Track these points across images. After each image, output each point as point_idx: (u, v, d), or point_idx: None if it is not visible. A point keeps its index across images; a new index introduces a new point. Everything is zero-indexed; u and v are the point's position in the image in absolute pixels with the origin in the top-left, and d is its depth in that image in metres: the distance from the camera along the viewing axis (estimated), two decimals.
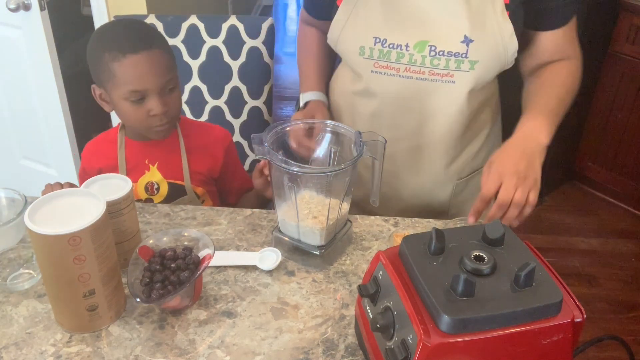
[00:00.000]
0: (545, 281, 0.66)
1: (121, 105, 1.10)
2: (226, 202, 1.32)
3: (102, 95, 1.13)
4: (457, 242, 0.71)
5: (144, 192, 1.20)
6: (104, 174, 0.96)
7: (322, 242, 0.96)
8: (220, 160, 1.24)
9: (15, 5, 1.94)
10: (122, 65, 1.05)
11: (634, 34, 2.41)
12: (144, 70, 1.06)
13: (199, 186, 1.23)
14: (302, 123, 1.01)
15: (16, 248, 0.98)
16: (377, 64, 1.08)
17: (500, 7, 1.00)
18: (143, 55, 1.06)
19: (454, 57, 1.02)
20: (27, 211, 0.77)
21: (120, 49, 1.05)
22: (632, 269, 2.39)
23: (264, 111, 1.66)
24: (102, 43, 1.09)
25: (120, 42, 1.06)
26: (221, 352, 0.82)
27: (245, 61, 1.60)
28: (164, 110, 1.09)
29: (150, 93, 1.08)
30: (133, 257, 0.87)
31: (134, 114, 1.10)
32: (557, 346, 0.65)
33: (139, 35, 1.10)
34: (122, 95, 1.08)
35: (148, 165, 1.19)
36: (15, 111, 2.32)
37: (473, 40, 1.00)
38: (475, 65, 1.02)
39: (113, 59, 1.05)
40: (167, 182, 1.20)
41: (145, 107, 1.09)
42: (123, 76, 1.06)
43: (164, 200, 1.21)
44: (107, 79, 1.08)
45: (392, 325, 0.68)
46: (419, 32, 1.03)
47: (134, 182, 1.18)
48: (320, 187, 0.94)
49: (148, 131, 1.14)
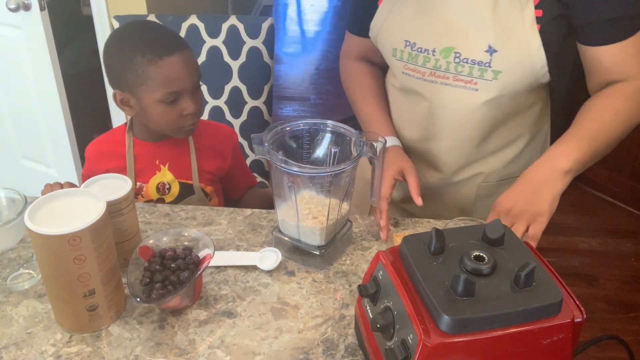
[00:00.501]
0: (545, 281, 0.66)
1: (153, 108, 1.09)
2: (230, 198, 1.33)
3: (124, 100, 1.12)
4: (457, 242, 0.71)
5: (155, 193, 1.20)
6: (104, 174, 0.95)
7: (322, 242, 0.96)
8: (229, 160, 1.25)
9: (15, 5, 1.94)
10: (159, 67, 1.05)
11: None
12: (180, 71, 1.07)
13: (208, 185, 1.23)
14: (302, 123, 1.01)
15: (16, 248, 0.98)
16: (406, 66, 1.09)
17: (530, 19, 0.97)
18: (177, 56, 1.07)
19: (478, 65, 1.02)
20: (27, 211, 0.77)
21: (156, 52, 1.05)
22: (632, 269, 2.39)
23: (264, 111, 1.66)
24: (130, 47, 1.07)
25: (154, 45, 1.06)
26: (221, 352, 0.82)
27: (245, 61, 1.60)
28: (196, 108, 1.11)
29: (184, 93, 1.09)
30: (133, 257, 0.87)
31: (167, 115, 1.10)
32: (557, 346, 0.65)
33: (169, 37, 1.11)
34: (158, 97, 1.07)
35: (159, 165, 1.19)
36: (15, 111, 2.32)
37: (497, 50, 0.99)
38: (498, 75, 1.01)
39: (149, 63, 1.05)
40: (178, 182, 1.20)
41: (179, 108, 1.09)
42: (160, 79, 1.06)
43: (175, 200, 1.21)
44: (139, 84, 1.07)
45: (392, 325, 0.68)
46: (446, 39, 1.03)
47: (144, 182, 1.19)
48: (320, 187, 0.94)
49: (177, 132, 1.14)
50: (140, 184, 1.20)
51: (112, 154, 1.20)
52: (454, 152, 1.15)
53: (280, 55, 4.47)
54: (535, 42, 0.98)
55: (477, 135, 1.12)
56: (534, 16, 0.97)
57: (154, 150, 1.19)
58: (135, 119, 1.18)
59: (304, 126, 1.00)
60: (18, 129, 2.36)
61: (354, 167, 0.93)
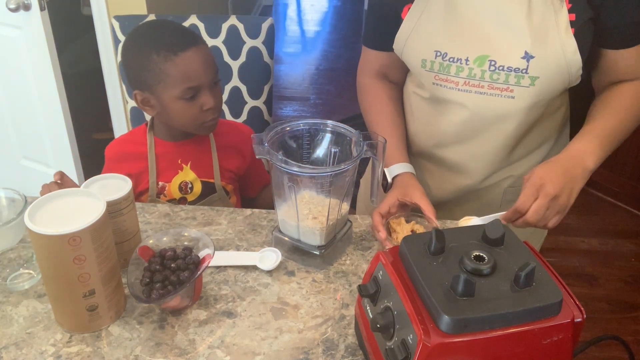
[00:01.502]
0: (545, 281, 0.66)
1: (173, 105, 1.09)
2: (246, 196, 1.33)
3: (145, 100, 1.12)
4: (457, 242, 0.71)
5: (178, 192, 1.20)
6: (104, 174, 0.95)
7: (322, 242, 0.96)
8: (249, 158, 1.26)
9: (15, 5, 1.94)
10: (175, 63, 1.06)
11: None
12: (196, 66, 1.07)
13: (229, 183, 1.24)
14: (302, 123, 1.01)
15: (16, 248, 0.98)
16: (437, 76, 1.08)
17: (565, 24, 0.97)
18: (193, 51, 1.07)
19: (514, 72, 1.01)
20: (27, 211, 0.77)
21: (170, 49, 1.06)
22: (632, 269, 2.39)
23: (264, 111, 1.66)
24: (146, 46, 1.08)
25: (168, 42, 1.07)
26: (221, 352, 0.82)
27: (245, 61, 1.60)
28: (216, 103, 1.11)
29: (202, 88, 1.09)
30: (133, 257, 0.87)
31: (187, 112, 1.10)
32: (557, 346, 0.65)
33: (182, 33, 1.11)
34: (177, 94, 1.08)
35: (181, 165, 1.20)
36: (15, 111, 2.32)
37: (534, 56, 0.99)
38: (536, 81, 1.01)
39: (165, 60, 1.05)
40: (200, 180, 1.20)
41: (198, 103, 1.10)
42: (177, 75, 1.06)
43: (197, 199, 1.22)
44: (157, 82, 1.08)
45: (392, 325, 0.68)
46: (480, 47, 1.02)
47: (167, 182, 1.19)
48: (321, 187, 0.94)
49: (199, 128, 1.14)
50: (163, 183, 1.20)
51: (133, 155, 1.20)
52: (486, 158, 1.14)
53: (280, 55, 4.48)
54: (571, 45, 0.98)
55: (511, 141, 1.11)
56: (568, 20, 0.97)
57: (176, 149, 1.20)
58: (157, 119, 1.18)
59: (304, 126, 1.00)
60: (18, 129, 2.36)
61: (354, 167, 0.93)
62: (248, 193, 1.34)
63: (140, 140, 1.20)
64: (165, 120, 1.16)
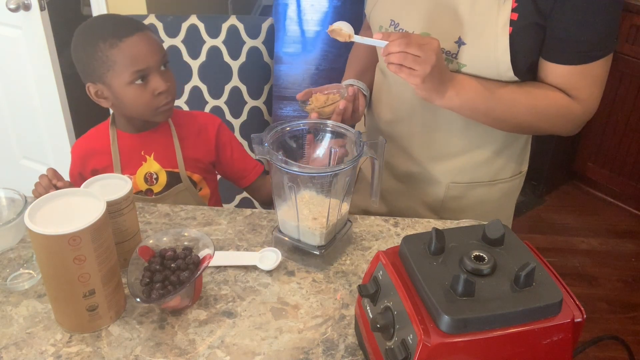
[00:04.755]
0: (545, 281, 0.66)
1: (125, 92, 1.10)
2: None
3: (98, 92, 1.13)
4: (457, 242, 0.71)
5: (143, 183, 1.21)
6: (105, 174, 0.95)
7: (322, 242, 0.96)
8: (213, 143, 1.25)
9: (15, 5, 1.94)
10: (121, 49, 1.07)
11: (634, 34, 2.42)
12: (142, 49, 1.09)
13: (195, 173, 1.24)
14: (302, 123, 1.01)
15: (16, 248, 0.98)
16: None
17: (504, 20, 0.96)
18: (138, 36, 1.09)
19: (446, 54, 1.01)
20: (27, 211, 0.77)
21: (116, 35, 1.07)
22: (632, 269, 2.39)
23: (264, 111, 1.66)
24: (93, 36, 1.10)
25: (113, 30, 1.09)
26: (221, 352, 0.82)
27: (245, 61, 1.60)
28: (167, 86, 1.11)
29: (151, 71, 1.10)
30: (133, 257, 0.87)
31: (140, 97, 1.11)
32: (557, 346, 0.65)
33: (126, 20, 1.13)
34: (126, 80, 1.09)
35: (144, 156, 1.20)
36: (15, 111, 2.32)
37: (466, 43, 0.99)
38: (462, 68, 1.01)
39: (111, 47, 1.07)
40: (165, 171, 1.21)
41: (150, 88, 1.10)
42: (124, 60, 1.07)
43: (163, 189, 1.22)
44: (105, 70, 1.09)
45: (392, 325, 0.68)
46: (424, 23, 1.03)
47: (132, 174, 1.19)
48: (320, 187, 0.94)
49: (154, 114, 1.14)
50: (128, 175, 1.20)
51: (97, 151, 1.21)
52: (423, 139, 1.15)
53: (280, 55, 4.47)
54: (503, 43, 0.96)
55: (443, 125, 1.11)
56: (508, 18, 0.96)
57: (138, 141, 1.20)
58: (113, 110, 1.19)
59: (304, 126, 1.00)
60: (18, 129, 2.36)
61: (354, 167, 0.93)
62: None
63: (103, 135, 1.21)
64: (121, 111, 1.17)
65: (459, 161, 1.16)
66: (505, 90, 1.01)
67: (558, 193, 2.82)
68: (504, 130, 1.10)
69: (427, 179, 1.20)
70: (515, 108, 1.02)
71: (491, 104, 1.01)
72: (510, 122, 1.05)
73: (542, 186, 2.78)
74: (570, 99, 1.02)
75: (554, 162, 2.74)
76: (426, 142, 1.16)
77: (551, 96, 1.02)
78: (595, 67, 0.98)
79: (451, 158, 1.16)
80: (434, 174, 1.19)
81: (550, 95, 1.02)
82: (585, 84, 1.00)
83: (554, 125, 1.06)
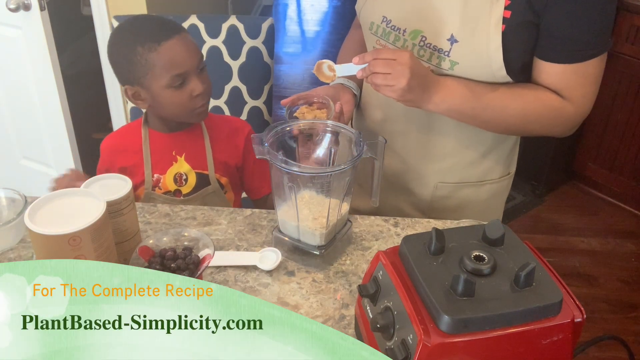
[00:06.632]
0: (545, 281, 0.66)
1: (163, 95, 1.11)
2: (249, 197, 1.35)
3: (136, 94, 1.14)
4: (457, 242, 0.71)
5: (173, 184, 1.21)
6: (104, 174, 0.95)
7: (322, 242, 0.96)
8: (241, 148, 1.26)
9: (15, 5, 1.94)
10: (160, 53, 1.08)
11: (634, 34, 2.42)
12: (181, 53, 1.10)
13: (223, 176, 1.25)
14: (302, 123, 1.01)
15: (16, 248, 0.98)
16: (379, 41, 1.10)
17: (497, 17, 0.95)
18: (175, 40, 1.09)
19: (438, 52, 1.01)
20: (27, 211, 0.77)
21: (154, 39, 1.08)
22: (632, 269, 2.39)
23: (264, 111, 1.66)
24: (131, 39, 1.10)
25: (151, 33, 1.09)
26: None
27: (245, 61, 1.60)
28: (204, 88, 1.13)
29: (189, 74, 1.11)
30: (133, 257, 0.87)
31: (177, 100, 1.12)
32: (557, 346, 0.65)
33: (164, 23, 1.13)
34: (164, 83, 1.09)
35: (175, 156, 1.21)
36: (15, 111, 2.31)
37: (458, 41, 0.98)
38: (455, 66, 1.00)
39: (149, 50, 1.08)
40: (195, 172, 1.21)
41: (187, 90, 1.11)
42: (163, 64, 1.08)
43: (192, 191, 1.22)
44: (144, 73, 1.09)
45: (392, 325, 0.68)
46: (417, 21, 1.03)
47: (162, 174, 1.20)
48: (320, 187, 0.94)
49: (190, 115, 1.15)
50: (158, 175, 1.21)
51: (127, 149, 1.21)
52: (413, 138, 1.15)
53: (280, 55, 4.47)
54: (495, 41, 0.95)
55: (433, 125, 1.11)
56: (501, 15, 0.95)
57: (170, 141, 1.21)
58: (149, 111, 1.20)
59: (304, 126, 1.00)
60: (18, 129, 2.36)
61: (354, 167, 0.93)
62: (253, 193, 1.34)
63: (135, 133, 1.22)
64: (158, 112, 1.17)
65: (448, 161, 1.16)
66: (494, 94, 1.00)
67: (558, 193, 2.82)
68: (495, 132, 1.10)
69: (415, 178, 1.20)
70: (505, 112, 1.02)
71: (479, 109, 1.01)
72: (501, 126, 1.05)
73: (542, 186, 2.78)
74: (563, 100, 1.01)
75: (554, 162, 2.74)
76: (415, 142, 1.15)
77: (542, 98, 1.01)
78: (589, 66, 0.98)
79: (440, 158, 1.16)
80: (422, 174, 1.19)
81: (542, 97, 1.01)
82: (579, 83, 1.00)
83: (545, 128, 1.05)
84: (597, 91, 1.03)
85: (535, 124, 1.04)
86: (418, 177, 1.19)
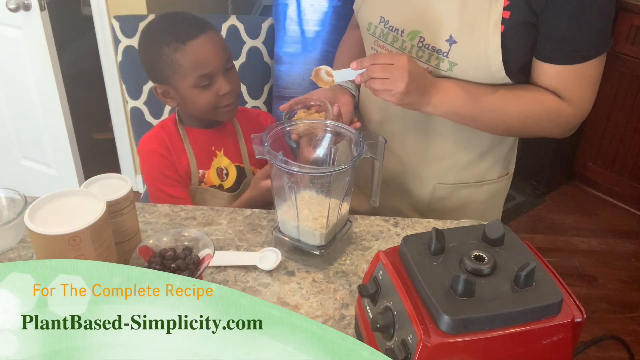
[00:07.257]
0: (545, 281, 0.66)
1: (190, 94, 1.12)
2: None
3: (165, 92, 1.15)
4: (457, 242, 0.71)
5: (217, 178, 1.22)
6: (104, 174, 0.95)
7: (322, 242, 0.96)
8: None
9: (15, 5, 1.94)
10: (186, 53, 1.08)
11: (634, 34, 2.42)
12: (207, 53, 1.10)
13: (257, 168, 1.26)
14: (302, 123, 1.01)
15: (16, 248, 0.98)
16: (376, 42, 1.10)
17: (496, 18, 0.94)
18: (202, 39, 1.10)
19: (437, 53, 1.01)
20: (27, 211, 0.77)
21: (179, 39, 1.08)
22: (632, 269, 2.39)
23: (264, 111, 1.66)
24: (158, 39, 1.11)
25: (177, 32, 1.09)
26: None
27: (245, 61, 1.60)
28: (231, 87, 1.13)
29: (216, 74, 1.11)
30: (133, 257, 0.87)
31: (204, 98, 1.12)
32: (557, 346, 0.65)
33: (191, 22, 1.13)
34: (191, 83, 1.10)
35: (215, 151, 1.22)
36: (15, 111, 2.32)
37: (457, 42, 0.98)
38: (454, 67, 1.00)
39: (175, 50, 1.08)
40: (234, 165, 1.23)
41: (214, 89, 1.12)
42: (189, 64, 1.08)
43: (233, 185, 1.24)
44: (171, 73, 1.10)
45: (392, 325, 0.68)
46: (415, 21, 1.03)
47: (206, 169, 1.21)
48: (320, 187, 0.94)
49: (217, 114, 1.16)
50: (203, 171, 1.22)
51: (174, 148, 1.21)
52: (411, 139, 1.15)
53: (280, 55, 4.47)
54: (494, 41, 0.95)
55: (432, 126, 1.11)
56: (500, 16, 0.94)
57: (209, 136, 1.22)
58: (179, 109, 1.21)
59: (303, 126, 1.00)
60: (18, 129, 2.36)
61: (354, 167, 0.93)
62: None
63: (172, 131, 1.22)
64: (187, 110, 1.18)
65: (446, 162, 1.16)
66: (493, 96, 1.00)
67: (558, 193, 2.82)
68: (494, 134, 1.10)
69: (413, 179, 1.20)
70: (504, 114, 1.01)
71: (477, 111, 1.01)
72: (499, 127, 1.05)
73: (542, 186, 2.78)
74: (562, 102, 1.01)
75: (554, 162, 2.74)
76: (414, 143, 1.15)
77: (541, 100, 1.01)
78: (588, 67, 0.97)
79: (438, 159, 1.16)
80: (420, 175, 1.18)
81: (540, 98, 1.01)
82: (578, 84, 0.99)
83: (544, 129, 1.05)
84: (596, 92, 1.02)
85: (534, 126, 1.04)
86: (416, 178, 1.19)
